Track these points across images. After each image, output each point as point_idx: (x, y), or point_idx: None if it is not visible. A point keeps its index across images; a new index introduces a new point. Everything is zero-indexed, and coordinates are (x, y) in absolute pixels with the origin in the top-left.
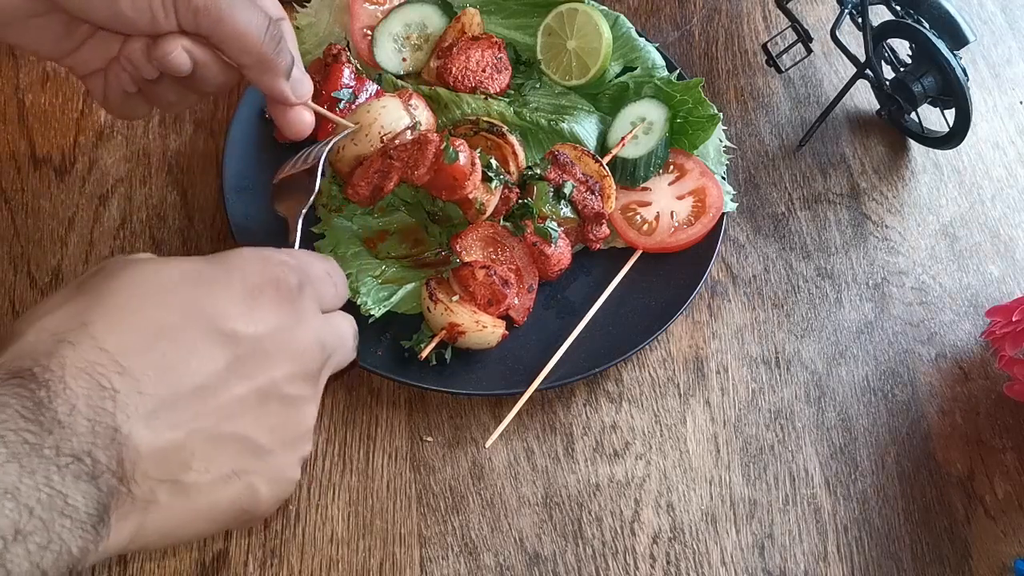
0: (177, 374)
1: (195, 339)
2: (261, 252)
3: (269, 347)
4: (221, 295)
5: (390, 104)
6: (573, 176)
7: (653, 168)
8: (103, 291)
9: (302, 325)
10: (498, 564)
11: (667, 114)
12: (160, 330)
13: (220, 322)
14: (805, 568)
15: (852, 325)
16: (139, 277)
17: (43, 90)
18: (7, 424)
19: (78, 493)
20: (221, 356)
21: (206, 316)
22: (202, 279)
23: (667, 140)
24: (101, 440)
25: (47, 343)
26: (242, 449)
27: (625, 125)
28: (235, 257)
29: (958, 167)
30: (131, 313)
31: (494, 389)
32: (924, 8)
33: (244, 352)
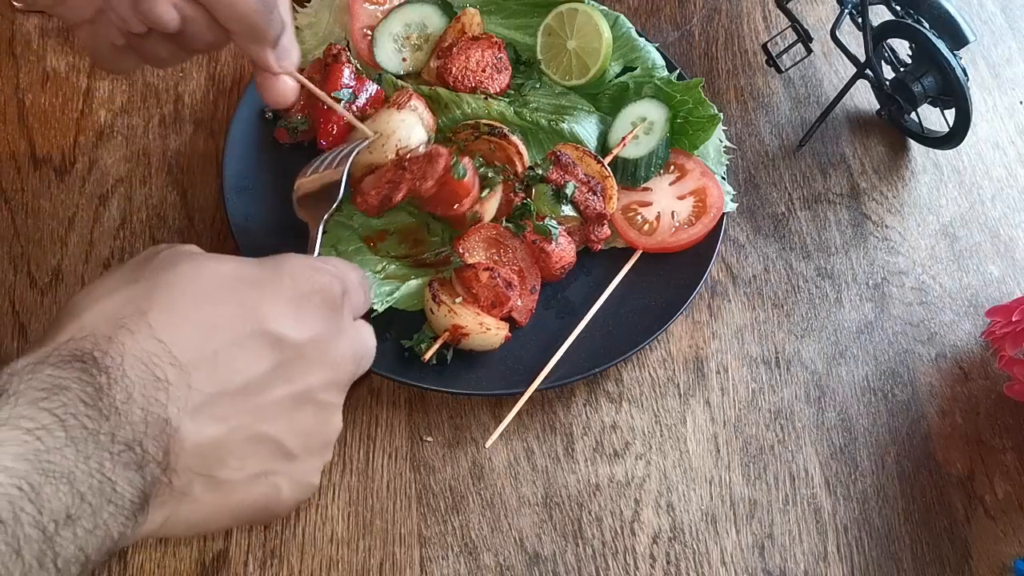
0: (226, 372)
1: (245, 339)
2: (309, 260)
3: (310, 354)
4: (272, 298)
5: (410, 119)
6: (575, 177)
7: (654, 168)
8: (161, 281)
9: (341, 335)
10: (498, 564)
11: (667, 114)
12: (213, 327)
13: (269, 324)
14: (805, 568)
15: (852, 325)
16: (196, 272)
17: (43, 90)
18: (68, 408)
19: (125, 481)
20: (268, 358)
21: (257, 317)
22: (255, 281)
23: (668, 140)
24: (152, 430)
25: (107, 327)
26: (274, 451)
27: (626, 125)
28: (286, 262)
29: (958, 167)
30: (187, 307)
31: (494, 389)
32: (924, 8)
33: (288, 356)
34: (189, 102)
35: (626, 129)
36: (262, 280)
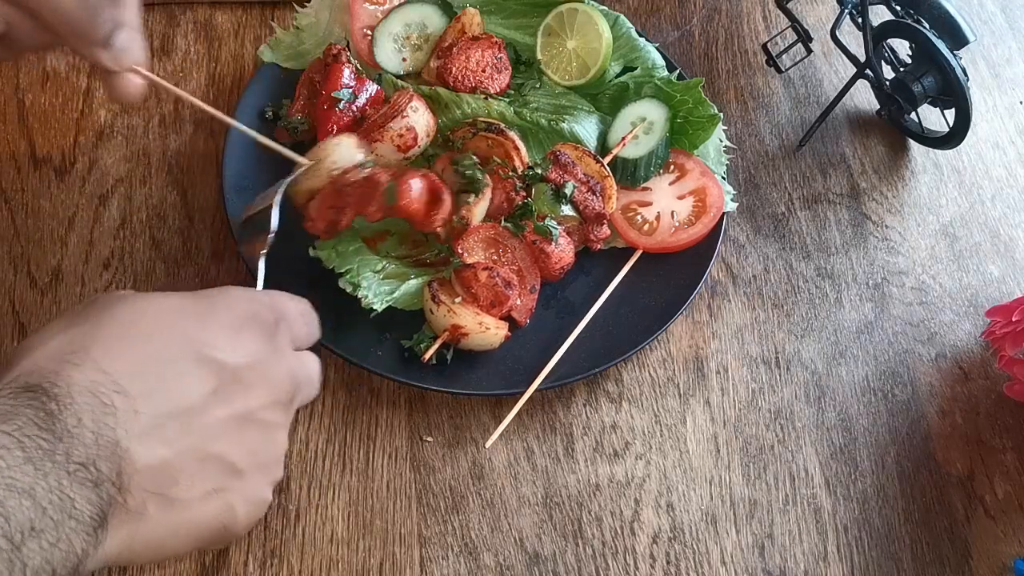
0: (169, 396)
1: (184, 365)
2: (245, 291)
3: (248, 376)
4: (208, 326)
5: (344, 142)
6: (574, 176)
7: (654, 168)
8: (101, 321)
9: (277, 358)
10: (498, 564)
11: (667, 114)
12: (153, 356)
13: (207, 351)
14: (805, 568)
15: (852, 325)
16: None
17: (43, 90)
18: (24, 430)
19: (83, 498)
20: (207, 382)
21: (195, 345)
22: (192, 312)
23: (667, 140)
24: (104, 451)
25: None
26: (223, 469)
27: (625, 125)
28: (221, 294)
29: (958, 167)
30: (127, 340)
31: (494, 389)
32: (924, 8)
33: (227, 379)
34: (189, 102)
35: (626, 129)
36: (198, 310)
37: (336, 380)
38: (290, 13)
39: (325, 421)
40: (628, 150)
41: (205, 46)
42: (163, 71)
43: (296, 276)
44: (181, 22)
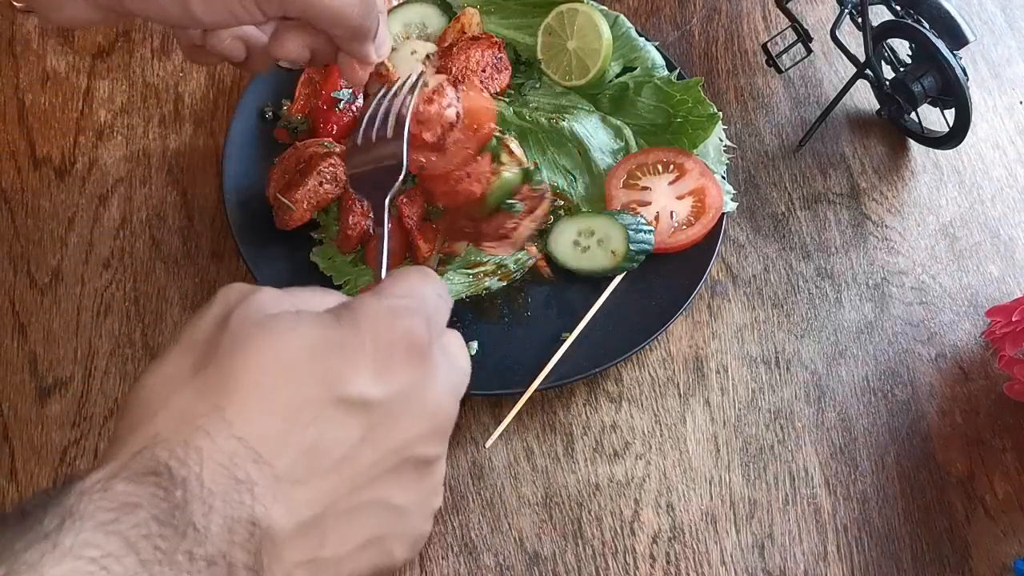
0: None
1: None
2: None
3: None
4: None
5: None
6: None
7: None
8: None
9: (433, 379)
10: (498, 564)
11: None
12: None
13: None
14: (805, 568)
15: (852, 325)
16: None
17: (43, 90)
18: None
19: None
20: (356, 427)
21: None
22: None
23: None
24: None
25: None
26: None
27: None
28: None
29: (958, 167)
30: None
31: (494, 389)
32: (924, 8)
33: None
34: (189, 102)
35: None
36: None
37: None
38: None
39: None
40: (575, 263)
41: None
42: (163, 71)
43: (295, 275)
44: None
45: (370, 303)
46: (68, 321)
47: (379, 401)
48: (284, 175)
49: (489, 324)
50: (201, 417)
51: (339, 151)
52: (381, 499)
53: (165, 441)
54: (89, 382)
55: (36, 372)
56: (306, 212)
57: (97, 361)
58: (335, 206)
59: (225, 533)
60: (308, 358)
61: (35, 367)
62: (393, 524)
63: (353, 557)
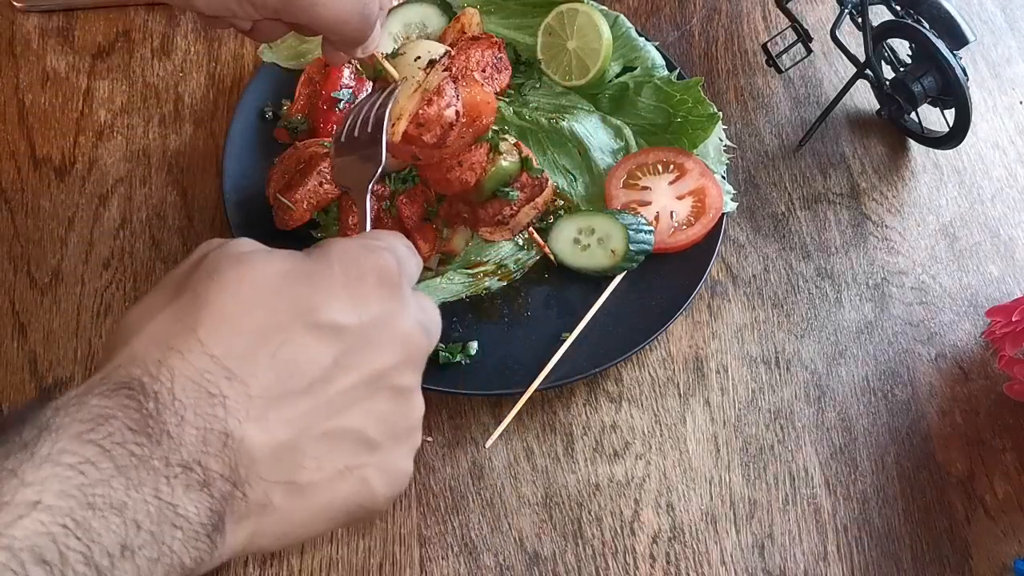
0: (286, 374)
1: (301, 337)
2: (358, 241)
3: (374, 336)
4: (323, 289)
5: (421, 42)
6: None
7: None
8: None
9: (404, 310)
10: (498, 564)
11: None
12: (267, 331)
13: (324, 316)
14: (805, 568)
15: (852, 325)
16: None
17: (43, 90)
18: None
19: (189, 503)
20: (328, 351)
21: (310, 312)
22: (304, 274)
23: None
24: (212, 447)
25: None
26: (354, 443)
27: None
28: (333, 248)
29: (958, 167)
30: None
31: (494, 389)
32: (924, 8)
33: (350, 344)
34: (189, 102)
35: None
36: (311, 272)
37: None
38: None
39: None
40: (574, 260)
41: (205, 46)
42: (163, 71)
43: None
44: (181, 22)
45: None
46: (68, 321)
47: (351, 327)
48: (284, 175)
49: (489, 324)
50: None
51: None
52: (357, 428)
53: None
54: None
55: (36, 372)
56: (306, 212)
57: (97, 361)
58: (335, 206)
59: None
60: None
61: (35, 367)
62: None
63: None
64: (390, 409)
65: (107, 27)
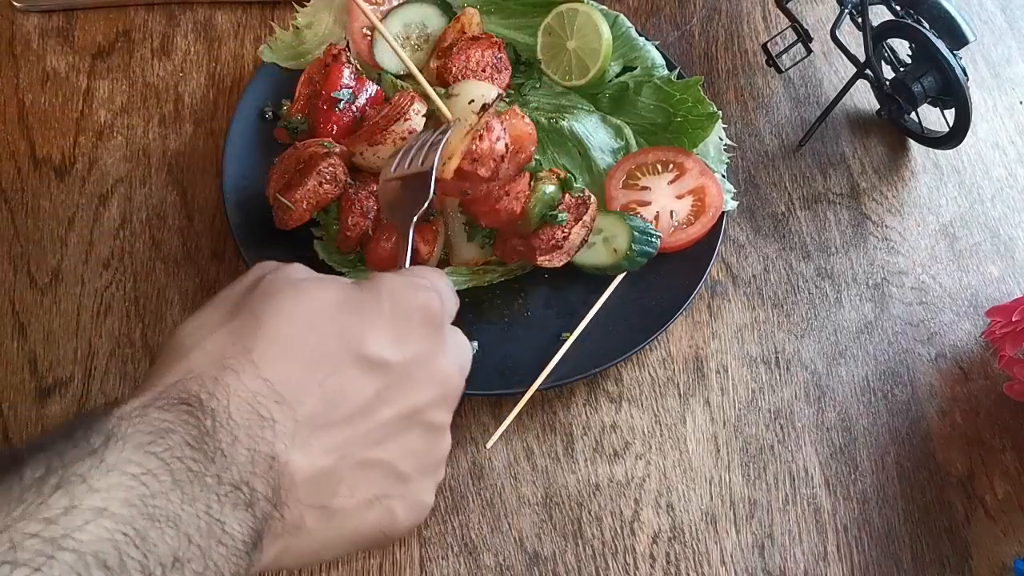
0: (332, 403)
1: (349, 368)
2: (406, 279)
3: (415, 374)
4: (372, 322)
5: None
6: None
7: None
8: (262, 315)
9: (444, 351)
10: (498, 564)
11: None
12: (316, 359)
13: (371, 349)
14: (805, 568)
15: (852, 325)
16: (297, 303)
17: (43, 90)
18: (173, 452)
19: (235, 521)
20: (371, 384)
21: (359, 344)
22: (355, 307)
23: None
24: (259, 469)
25: (213, 368)
26: (385, 475)
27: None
28: (384, 283)
29: (958, 167)
30: (290, 342)
31: (494, 389)
32: (924, 8)
33: (392, 380)
34: (189, 102)
35: None
36: (362, 305)
37: None
38: (290, 13)
39: None
40: (580, 256)
41: (205, 46)
42: (163, 71)
43: None
44: (181, 22)
45: (391, 277)
46: (68, 321)
47: (395, 363)
48: (284, 175)
49: (489, 324)
50: (230, 357)
51: (339, 151)
52: (390, 460)
53: (197, 376)
54: (89, 382)
55: (36, 372)
56: (306, 212)
57: (97, 361)
58: (335, 206)
59: (248, 463)
60: (332, 315)
61: (35, 367)
62: (399, 487)
63: (360, 512)
64: (422, 444)
65: (107, 27)
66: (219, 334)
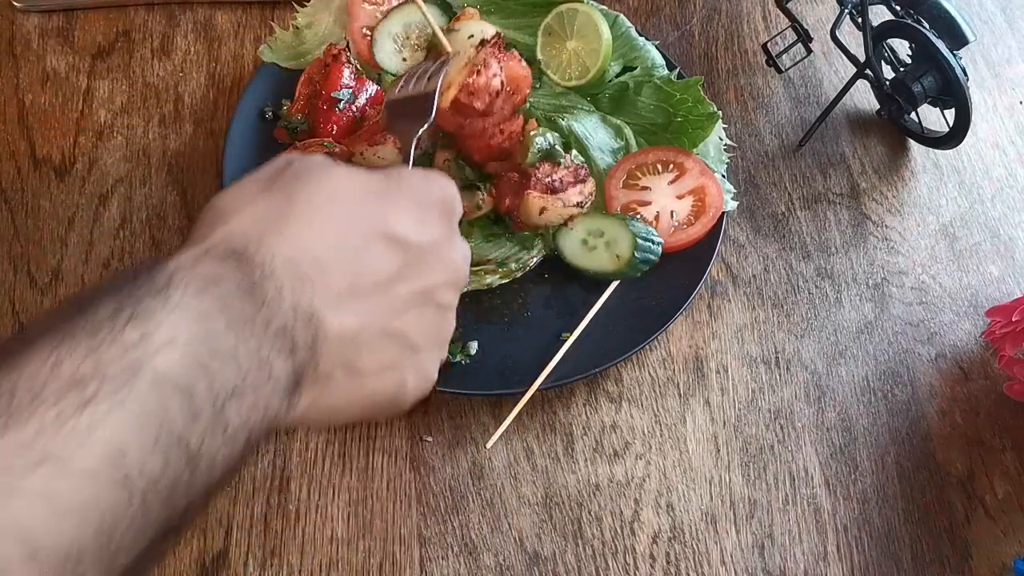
0: (360, 272)
1: (374, 242)
2: (424, 172)
3: (430, 256)
4: (396, 205)
5: (472, 22)
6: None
7: None
8: (297, 191)
9: (455, 240)
10: (498, 564)
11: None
12: (346, 232)
13: (395, 228)
14: (805, 568)
15: (852, 325)
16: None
17: (43, 90)
18: (228, 297)
19: (280, 364)
20: (394, 261)
21: (385, 223)
22: (380, 190)
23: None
24: (300, 320)
25: (256, 228)
26: (400, 345)
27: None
28: (405, 173)
29: (958, 167)
30: (323, 215)
31: (494, 389)
32: (924, 8)
33: (411, 259)
34: (189, 102)
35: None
36: (387, 190)
37: None
38: (290, 13)
39: None
40: (578, 259)
41: (205, 46)
42: (163, 71)
43: None
44: (181, 22)
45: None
46: None
47: (415, 244)
48: None
49: (489, 324)
50: (271, 223)
51: (339, 151)
52: (405, 332)
53: (241, 235)
54: None
55: None
56: None
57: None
58: None
59: (291, 314)
60: (359, 194)
61: None
62: (411, 358)
63: (379, 375)
64: (433, 320)
65: (107, 27)
66: (256, 204)
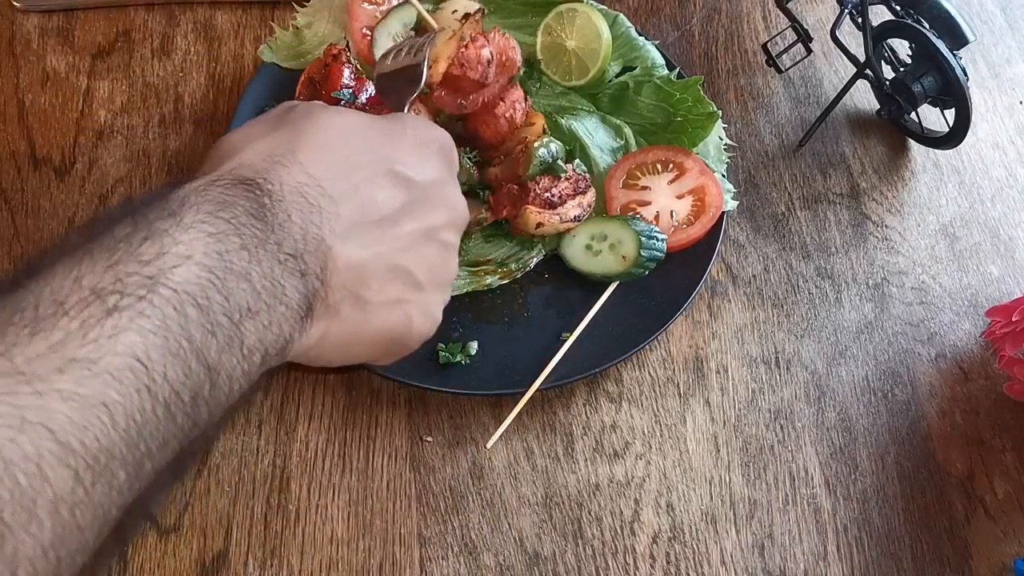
0: (367, 205)
1: (380, 178)
2: (424, 119)
3: (433, 195)
4: (399, 145)
5: None
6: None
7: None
8: (304, 128)
9: (454, 182)
10: (498, 564)
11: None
12: (353, 166)
13: (399, 167)
14: (805, 568)
15: (852, 325)
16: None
17: (43, 90)
18: (238, 220)
19: (292, 287)
20: (399, 196)
21: (388, 161)
22: (383, 130)
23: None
24: (310, 246)
25: (264, 161)
26: (406, 280)
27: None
28: (406, 117)
29: (958, 167)
30: (330, 149)
31: (494, 389)
32: (924, 8)
33: (415, 196)
34: (189, 102)
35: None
36: (389, 130)
37: (336, 380)
38: (290, 13)
39: (325, 421)
40: (584, 264)
41: (205, 46)
42: (163, 71)
43: None
44: (181, 22)
45: (411, 115)
46: None
47: (417, 183)
48: None
49: (489, 324)
50: (279, 156)
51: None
52: (410, 268)
53: (252, 166)
54: None
55: None
56: None
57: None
58: None
59: (302, 239)
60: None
61: None
62: (416, 295)
63: (386, 309)
64: (437, 259)
65: (107, 27)
66: (266, 139)
